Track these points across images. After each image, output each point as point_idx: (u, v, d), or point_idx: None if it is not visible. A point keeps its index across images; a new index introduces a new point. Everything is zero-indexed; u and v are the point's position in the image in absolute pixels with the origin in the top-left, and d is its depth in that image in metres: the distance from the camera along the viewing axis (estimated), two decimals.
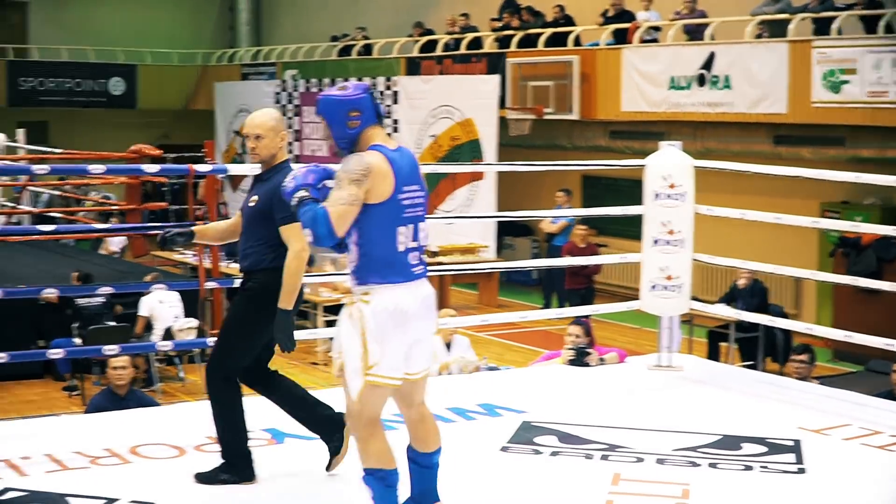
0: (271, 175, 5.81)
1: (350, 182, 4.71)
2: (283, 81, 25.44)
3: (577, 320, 9.19)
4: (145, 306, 13.67)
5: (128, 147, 12.86)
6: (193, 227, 6.31)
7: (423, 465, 5.16)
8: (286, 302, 5.64)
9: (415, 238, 4.90)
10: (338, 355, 4.88)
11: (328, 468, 6.01)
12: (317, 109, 4.99)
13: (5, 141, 19.04)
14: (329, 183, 4.87)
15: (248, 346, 5.90)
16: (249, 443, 6.00)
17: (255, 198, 5.84)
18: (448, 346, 10.81)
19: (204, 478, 5.91)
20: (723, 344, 14.33)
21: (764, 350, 14.07)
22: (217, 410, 5.98)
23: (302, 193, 4.77)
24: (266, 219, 5.75)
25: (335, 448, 6.00)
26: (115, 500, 5.62)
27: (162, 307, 13.61)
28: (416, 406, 5.13)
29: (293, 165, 5.76)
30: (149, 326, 13.68)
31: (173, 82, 29.20)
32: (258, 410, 7.52)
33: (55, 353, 7.70)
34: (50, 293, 7.65)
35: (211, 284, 7.96)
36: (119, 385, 8.81)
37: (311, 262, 6.01)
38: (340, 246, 4.90)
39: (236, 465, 5.96)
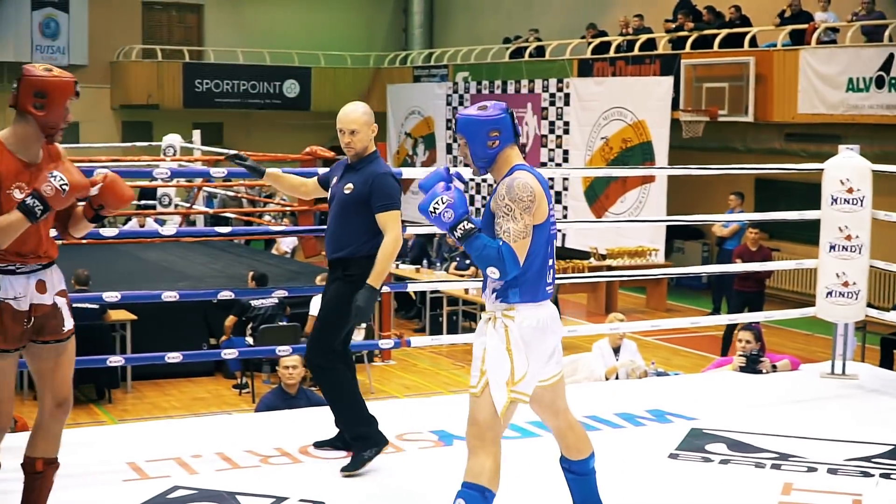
0: (363, 165, 6.11)
1: (522, 213, 4.70)
2: (454, 83, 25.50)
3: (748, 326, 9.04)
4: (316, 306, 13.81)
5: (301, 148, 13.04)
6: (267, 169, 6.47)
7: (580, 472, 5.14)
8: (377, 281, 5.92)
9: (551, 255, 4.94)
10: (478, 370, 4.82)
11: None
12: (456, 128, 4.99)
13: (180, 142, 19.45)
14: (458, 183, 4.86)
15: (344, 330, 6.11)
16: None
17: (350, 185, 6.06)
18: (616, 350, 10.73)
19: (350, 467, 6.04)
20: None
21: None
22: (329, 389, 6.20)
23: (467, 225, 4.73)
24: (363, 207, 6.00)
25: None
26: (285, 499, 5.68)
27: None
28: (562, 414, 5.11)
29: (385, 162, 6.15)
30: None
31: (346, 84, 29.48)
32: (427, 412, 7.58)
33: (229, 354, 7.83)
34: (226, 295, 7.74)
35: (385, 289, 8.04)
36: (290, 384, 8.90)
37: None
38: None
39: (368, 436, 6.13)
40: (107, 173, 4.87)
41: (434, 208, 4.75)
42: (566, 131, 21.74)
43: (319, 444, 6.47)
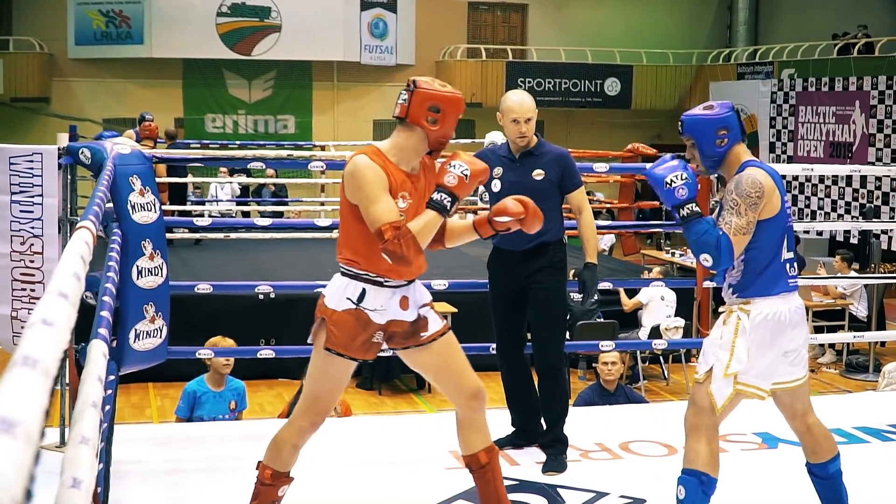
0: (539, 151, 6.13)
1: (748, 208, 4.73)
2: (779, 81, 24.98)
3: None
4: (645, 294, 13.76)
5: (620, 147, 13.01)
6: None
7: (821, 476, 5.09)
8: (595, 257, 6.16)
9: (790, 248, 4.92)
10: (703, 360, 4.87)
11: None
12: (682, 129, 4.96)
13: (502, 139, 19.61)
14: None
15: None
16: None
17: (541, 172, 6.08)
18: None
19: (557, 468, 6.09)
20: None
21: None
22: (557, 389, 6.31)
23: (694, 207, 4.80)
24: (555, 189, 6.08)
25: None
26: (605, 494, 5.66)
27: (660, 304, 13.63)
28: (800, 417, 5.07)
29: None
30: (634, 322, 13.75)
31: (668, 82, 29.27)
32: (751, 414, 7.42)
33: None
34: None
35: (708, 284, 7.93)
36: (608, 380, 8.87)
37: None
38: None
39: (564, 439, 6.22)
40: (527, 201, 4.85)
41: (671, 180, 4.82)
42: (894, 130, 21.00)
43: (499, 444, 6.42)
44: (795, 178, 23.40)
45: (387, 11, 28.21)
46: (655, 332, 13.06)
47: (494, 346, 6.52)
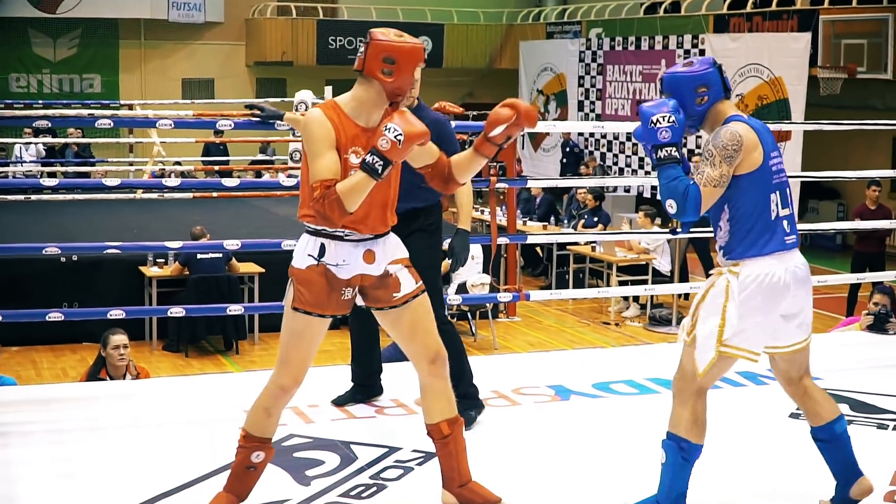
0: (419, 114, 5.80)
1: (723, 160, 4.56)
2: (587, 40, 25.28)
3: (882, 288, 8.84)
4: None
5: (431, 104, 13.03)
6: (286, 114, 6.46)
7: (826, 439, 4.88)
8: (468, 223, 6.25)
9: (784, 205, 4.71)
10: (690, 321, 4.71)
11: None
12: (661, 88, 4.81)
13: (312, 97, 19.49)
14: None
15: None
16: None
17: None
18: None
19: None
20: None
21: None
22: (449, 346, 6.18)
23: (674, 152, 4.60)
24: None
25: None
26: (398, 448, 5.69)
27: (469, 262, 13.68)
28: (796, 383, 4.92)
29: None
30: (446, 280, 13.84)
31: (479, 41, 29.41)
32: (543, 367, 7.55)
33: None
34: None
35: (503, 240, 7.97)
36: None
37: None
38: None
39: (475, 395, 6.21)
40: (514, 102, 4.71)
41: (657, 120, 4.60)
42: None
43: (339, 402, 6.51)
44: (604, 136, 23.74)
45: None
46: (463, 289, 13.15)
47: None
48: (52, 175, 19.46)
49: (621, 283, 15.03)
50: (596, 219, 16.79)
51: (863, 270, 13.08)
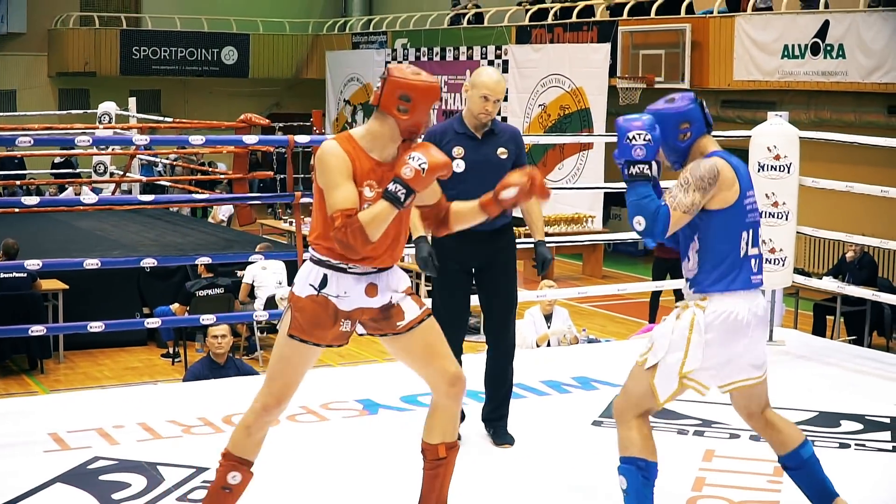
0: (497, 128, 6.08)
1: (696, 189, 4.55)
2: (393, 50, 25.43)
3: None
4: (249, 273, 13.75)
5: (238, 116, 12.96)
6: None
7: (792, 466, 4.89)
8: (543, 234, 6.30)
9: (755, 244, 4.72)
10: (650, 349, 4.70)
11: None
12: (645, 126, 4.70)
13: (116, 109, 19.25)
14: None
15: None
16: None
17: (504, 150, 6.04)
18: (548, 317, 10.76)
19: (509, 438, 6.17)
20: (829, 317, 14.03)
21: (871, 324, 13.75)
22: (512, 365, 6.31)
23: (646, 169, 4.57)
24: (510, 169, 5.81)
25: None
26: (205, 469, 5.65)
27: (265, 274, 13.65)
28: (756, 417, 4.92)
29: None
30: (252, 294, 13.76)
31: (285, 51, 29.33)
32: (352, 381, 7.57)
33: (152, 323, 7.76)
34: (149, 262, 7.70)
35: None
36: (218, 353, 8.86)
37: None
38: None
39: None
40: (531, 173, 4.73)
41: (633, 136, 4.58)
42: (504, 98, 21.66)
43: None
44: None
45: None
46: (271, 304, 13.09)
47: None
48: None
49: (429, 293, 15.09)
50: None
51: (663, 277, 13.36)
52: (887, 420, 6.65)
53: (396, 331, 4.71)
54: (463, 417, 5.77)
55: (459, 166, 5.90)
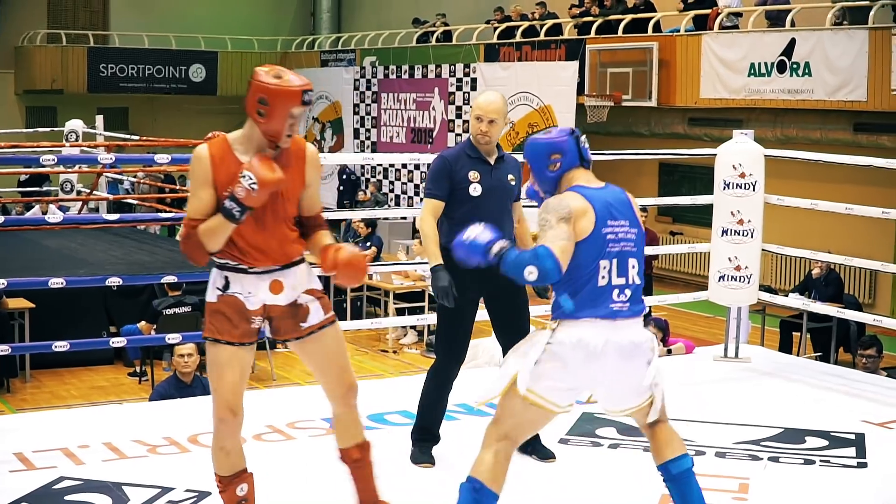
0: (504, 154, 6.13)
1: (559, 220, 4.54)
2: (361, 68, 25.44)
3: (655, 320, 9.09)
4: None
5: (207, 133, 12.95)
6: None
7: (665, 477, 4.89)
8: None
9: (621, 274, 4.66)
10: (502, 372, 4.70)
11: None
12: (524, 153, 4.89)
13: (83, 127, 19.20)
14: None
15: None
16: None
17: (513, 176, 6.12)
18: None
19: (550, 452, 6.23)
20: (795, 334, 14.09)
21: (837, 340, 13.82)
22: None
23: (503, 242, 4.59)
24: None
25: None
26: (171, 489, 5.63)
27: None
28: (647, 428, 4.93)
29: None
30: None
31: (253, 68, 29.30)
32: (319, 400, 7.54)
33: (118, 342, 7.74)
34: (114, 281, 7.68)
35: None
36: (185, 372, 8.84)
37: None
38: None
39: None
40: (342, 257, 4.80)
41: (468, 235, 4.65)
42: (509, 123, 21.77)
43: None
44: (380, 164, 23.90)
45: None
46: None
47: None
48: None
49: (399, 311, 15.13)
50: (369, 244, 16.96)
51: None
52: (852, 436, 6.68)
53: (300, 333, 4.80)
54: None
55: (476, 190, 5.97)
